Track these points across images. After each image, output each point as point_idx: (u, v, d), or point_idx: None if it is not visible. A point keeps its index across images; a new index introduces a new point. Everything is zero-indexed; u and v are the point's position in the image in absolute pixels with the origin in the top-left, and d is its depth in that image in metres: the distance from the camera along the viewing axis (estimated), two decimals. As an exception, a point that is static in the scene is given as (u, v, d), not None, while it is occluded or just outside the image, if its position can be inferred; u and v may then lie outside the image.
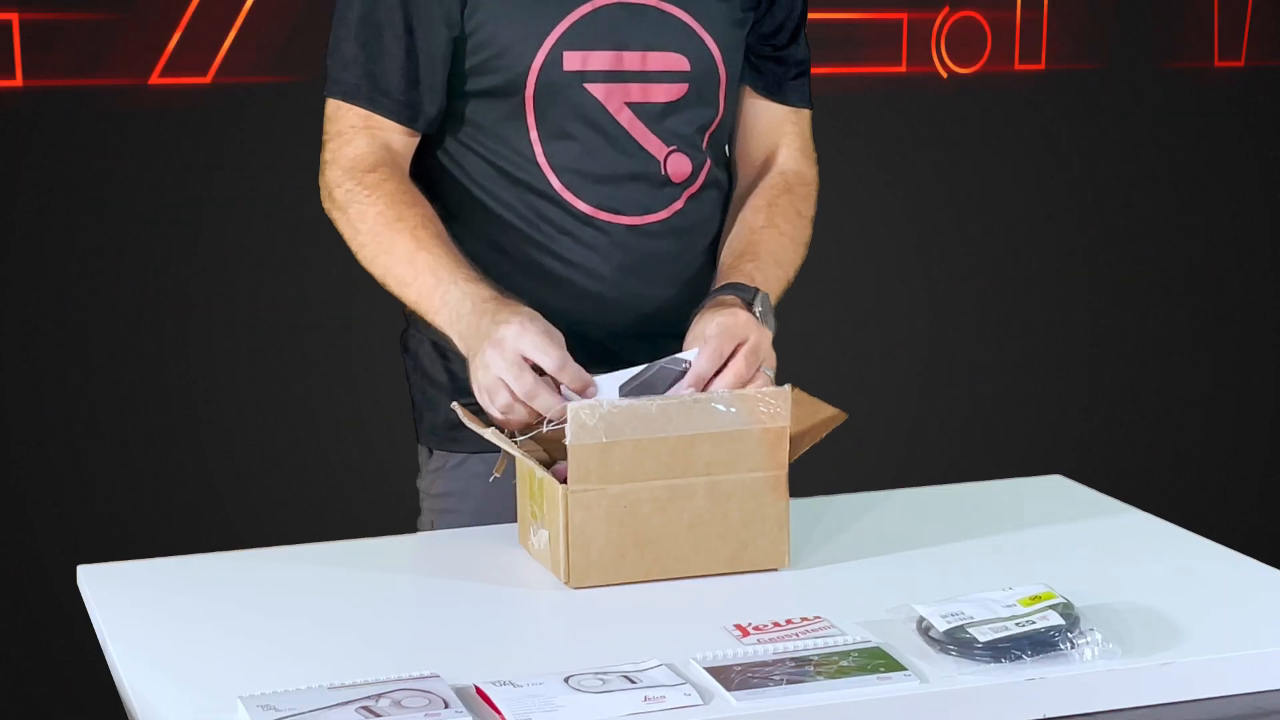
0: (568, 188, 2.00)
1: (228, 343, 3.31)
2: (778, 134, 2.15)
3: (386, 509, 2.32)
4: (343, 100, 1.99)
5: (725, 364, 1.82)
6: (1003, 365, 4.01)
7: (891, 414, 3.91)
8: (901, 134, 3.87)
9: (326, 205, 1.99)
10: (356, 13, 1.98)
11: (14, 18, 3.16)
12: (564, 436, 1.73)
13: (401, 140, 2.00)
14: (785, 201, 2.09)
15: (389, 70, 1.97)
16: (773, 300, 1.97)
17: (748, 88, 2.13)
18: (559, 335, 1.79)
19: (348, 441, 3.43)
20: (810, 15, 2.18)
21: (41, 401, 3.30)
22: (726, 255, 2.03)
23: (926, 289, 3.93)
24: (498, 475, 1.90)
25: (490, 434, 1.79)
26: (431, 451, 2.09)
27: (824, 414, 1.84)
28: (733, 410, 1.75)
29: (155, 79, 3.27)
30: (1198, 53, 4.06)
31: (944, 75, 3.86)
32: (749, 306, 1.90)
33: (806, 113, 2.17)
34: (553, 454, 1.83)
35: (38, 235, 3.26)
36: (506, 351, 1.77)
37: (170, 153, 3.29)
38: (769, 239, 2.04)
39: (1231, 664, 1.57)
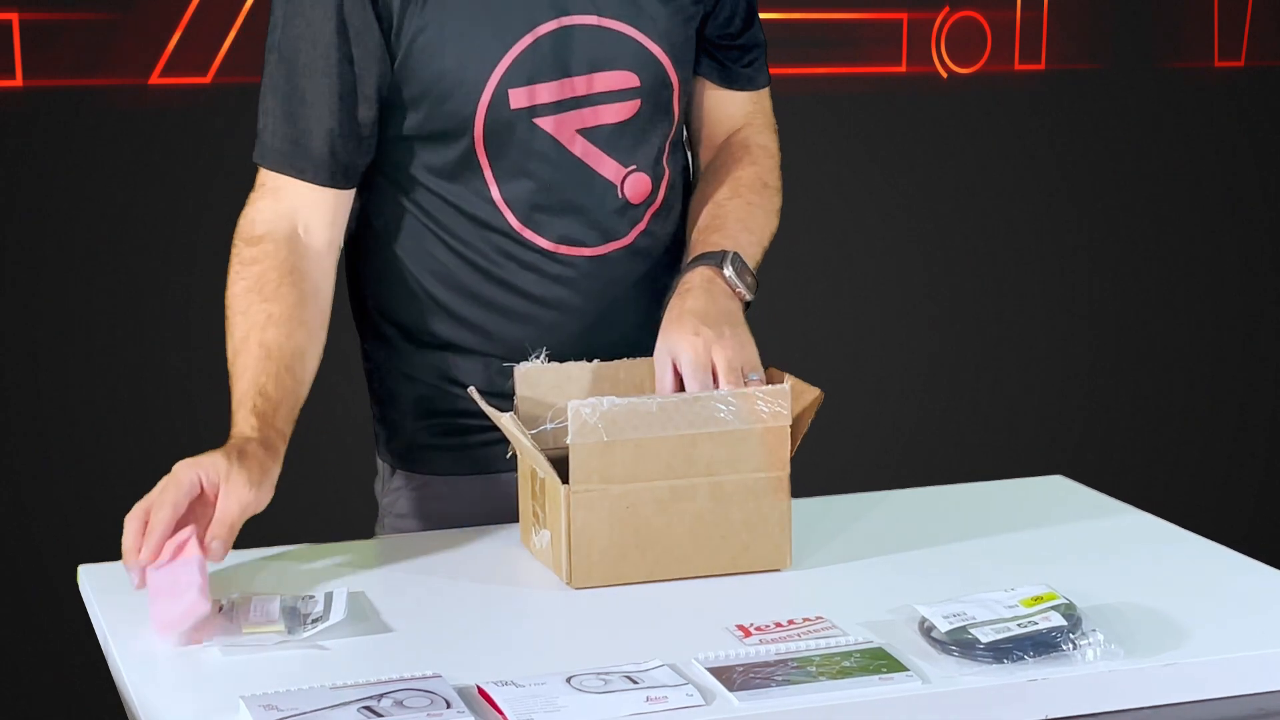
0: (527, 225, 1.95)
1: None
2: (740, 118, 2.11)
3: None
4: (256, 160, 1.93)
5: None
6: (1003, 365, 4.01)
7: (892, 414, 3.91)
8: (901, 134, 3.87)
9: None
10: (275, 61, 1.90)
11: (14, 18, 3.16)
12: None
13: (315, 199, 1.91)
14: (750, 173, 2.06)
15: (302, 125, 1.89)
16: (753, 263, 1.95)
17: (705, 80, 2.08)
18: (227, 496, 1.71)
19: (351, 441, 3.42)
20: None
21: (41, 402, 3.29)
22: (694, 232, 2.01)
23: (926, 289, 3.93)
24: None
25: (507, 419, 1.79)
26: (394, 469, 2.08)
27: (807, 397, 1.83)
28: (733, 409, 1.75)
29: (155, 79, 3.27)
30: (1198, 53, 4.07)
31: (944, 75, 3.86)
32: (719, 269, 1.90)
33: (766, 90, 2.13)
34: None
35: (38, 235, 3.26)
36: (175, 472, 1.71)
37: (170, 153, 3.29)
38: (736, 208, 2.01)
39: (1234, 665, 1.57)
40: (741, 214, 2.01)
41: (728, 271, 1.91)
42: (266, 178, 1.93)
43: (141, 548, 1.66)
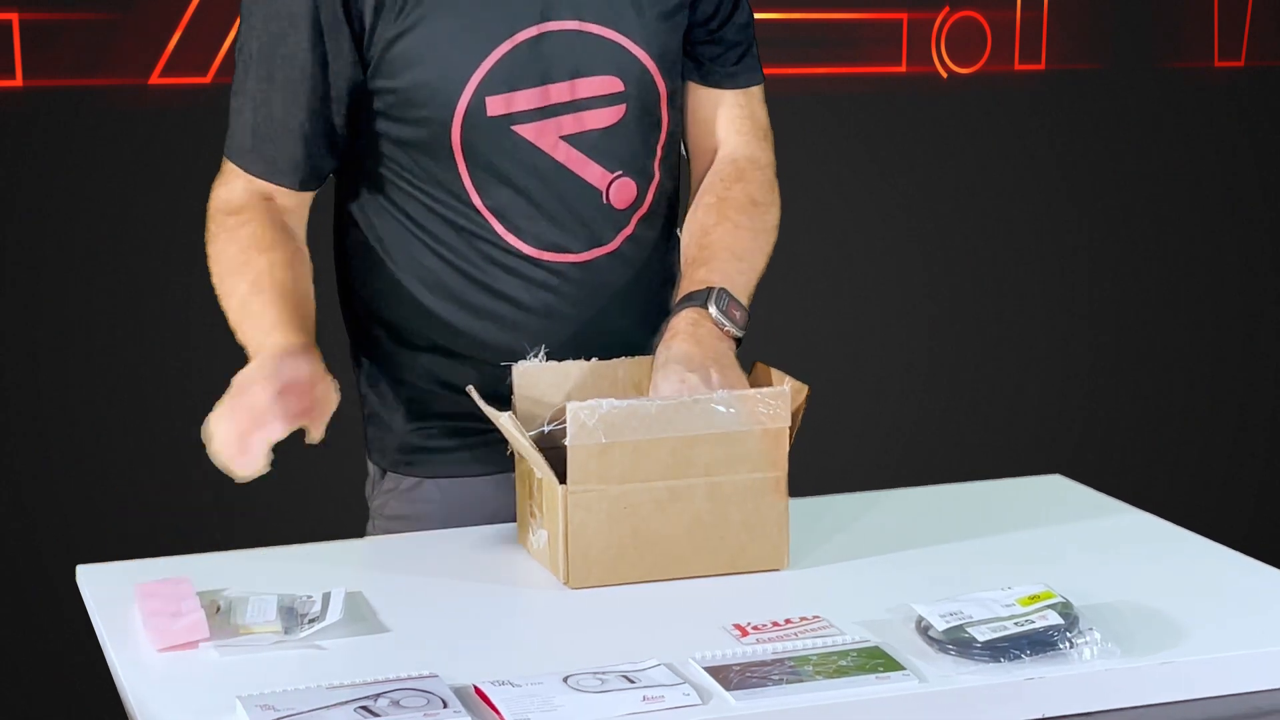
0: (511, 232, 1.95)
1: (227, 342, 3.31)
2: (725, 121, 2.06)
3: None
4: (226, 157, 1.94)
5: None
6: (1003, 365, 4.01)
7: (891, 414, 3.91)
8: (901, 134, 3.87)
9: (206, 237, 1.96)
10: (246, 65, 1.91)
11: (14, 18, 3.16)
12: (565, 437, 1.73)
13: (283, 195, 1.93)
14: (738, 191, 2.02)
15: (271, 130, 1.91)
16: (745, 292, 1.94)
17: (687, 80, 2.05)
18: (308, 384, 1.75)
19: (341, 442, 3.42)
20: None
21: (41, 402, 3.29)
22: (683, 264, 1.99)
23: (926, 289, 3.93)
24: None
25: (505, 419, 1.79)
26: (384, 471, 2.07)
27: (797, 394, 1.82)
28: (732, 411, 1.75)
29: (155, 79, 3.27)
30: (1198, 53, 4.06)
31: (944, 75, 3.86)
32: (705, 309, 1.88)
33: (755, 90, 2.08)
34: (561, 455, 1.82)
35: (38, 235, 3.26)
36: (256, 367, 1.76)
37: (170, 153, 3.29)
38: (723, 235, 1.98)
39: (1230, 663, 1.57)
40: (729, 240, 1.98)
41: (713, 311, 1.89)
42: (236, 167, 1.95)
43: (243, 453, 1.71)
